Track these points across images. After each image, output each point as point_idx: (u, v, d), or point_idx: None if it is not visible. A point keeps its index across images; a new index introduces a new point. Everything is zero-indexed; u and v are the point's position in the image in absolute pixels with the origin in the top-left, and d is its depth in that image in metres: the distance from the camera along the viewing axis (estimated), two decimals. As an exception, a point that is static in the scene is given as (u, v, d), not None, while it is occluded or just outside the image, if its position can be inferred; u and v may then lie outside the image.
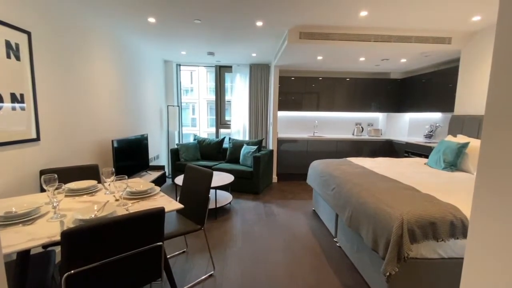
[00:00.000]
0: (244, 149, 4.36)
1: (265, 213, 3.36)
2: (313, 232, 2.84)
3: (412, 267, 1.60)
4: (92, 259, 1.09)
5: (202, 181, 2.03)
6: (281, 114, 5.38)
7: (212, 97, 14.97)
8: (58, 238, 1.16)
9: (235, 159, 4.53)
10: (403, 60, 4.11)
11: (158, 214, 1.21)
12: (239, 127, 5.42)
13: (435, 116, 4.36)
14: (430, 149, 3.67)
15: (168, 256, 2.29)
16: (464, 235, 1.56)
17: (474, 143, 2.78)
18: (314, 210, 3.48)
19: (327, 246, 2.53)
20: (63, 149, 2.41)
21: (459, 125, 3.38)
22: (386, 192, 1.91)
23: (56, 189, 1.46)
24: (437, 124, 4.27)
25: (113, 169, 1.72)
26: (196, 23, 3.00)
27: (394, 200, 1.75)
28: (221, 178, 3.38)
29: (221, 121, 5.54)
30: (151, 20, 2.90)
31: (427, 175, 2.49)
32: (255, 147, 4.28)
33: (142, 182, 1.95)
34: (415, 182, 2.21)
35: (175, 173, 4.45)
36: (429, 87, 4.21)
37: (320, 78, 5.07)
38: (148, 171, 3.89)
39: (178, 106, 5.33)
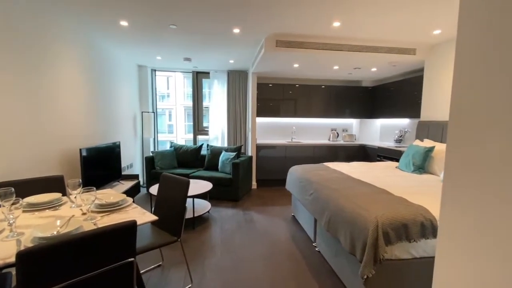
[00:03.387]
0: (223, 156, 4.30)
1: (244, 220, 3.31)
2: (292, 237, 2.85)
3: (388, 268, 1.65)
4: (54, 282, 0.98)
5: (178, 190, 1.96)
6: (260, 120, 5.40)
7: (190, 103, 14.73)
8: (13, 259, 1.04)
9: (213, 166, 4.45)
10: (374, 69, 4.34)
11: (129, 228, 1.14)
12: (217, 133, 5.35)
13: (404, 122, 4.63)
14: (400, 153, 3.87)
15: (142, 271, 2.16)
16: (434, 235, 1.65)
17: (439, 147, 2.97)
18: (293, 215, 3.49)
19: (307, 251, 2.54)
20: (23, 159, 2.21)
21: (425, 130, 3.61)
22: (362, 196, 1.97)
23: (13, 204, 1.32)
24: (406, 130, 4.54)
25: (80, 180, 1.59)
26: (172, 28, 2.94)
27: (369, 204, 1.80)
28: (199, 186, 3.29)
29: (198, 128, 5.44)
30: (123, 23, 2.80)
31: (398, 178, 2.62)
32: (234, 153, 4.24)
33: (113, 193, 1.83)
34: (388, 185, 2.31)
35: (150, 182, 4.26)
36: (398, 95, 4.47)
37: (297, 85, 5.18)
38: (120, 181, 3.68)
39: (153, 112, 5.15)
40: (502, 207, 0.57)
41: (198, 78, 5.35)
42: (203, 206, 3.42)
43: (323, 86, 5.26)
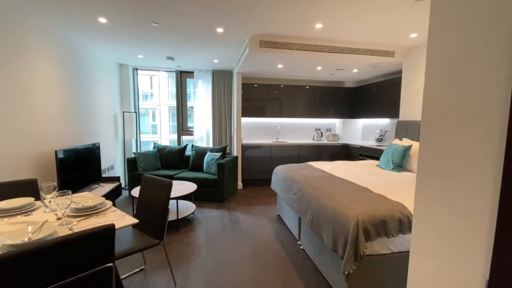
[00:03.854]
0: (208, 156, 4.26)
1: (230, 221, 3.30)
2: (277, 236, 2.87)
3: (368, 263, 1.70)
4: (24, 291, 0.93)
5: (160, 192, 1.92)
6: (245, 120, 5.40)
7: (174, 103, 14.46)
8: (-21, 269, 0.97)
9: (198, 167, 4.40)
10: (355, 70, 4.46)
11: (107, 232, 1.10)
12: (202, 133, 5.29)
13: (384, 122, 4.79)
14: (381, 151, 4.00)
15: (123, 276, 2.10)
16: (411, 230, 1.71)
17: (416, 146, 3.10)
18: (278, 214, 3.52)
19: (292, 250, 2.57)
20: (-8, 162, 2.08)
21: (403, 129, 3.75)
22: (343, 195, 2.02)
23: (-21, 210, 1.24)
24: (386, 129, 4.69)
25: (55, 183, 1.52)
26: (153, 26, 2.88)
27: (350, 202, 1.85)
28: (183, 187, 3.24)
29: (183, 128, 5.35)
30: (102, 20, 2.70)
31: (378, 176, 2.70)
32: (219, 154, 4.21)
33: (91, 196, 1.77)
34: (369, 183, 2.38)
35: (132, 184, 4.14)
36: (378, 95, 4.62)
37: (282, 86, 5.23)
38: (100, 184, 3.55)
39: (135, 112, 5.01)
40: (468, 202, 0.61)
41: (182, 77, 5.27)
42: (187, 207, 3.37)
43: (307, 87, 5.33)
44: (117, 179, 3.78)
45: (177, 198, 2.93)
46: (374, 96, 4.73)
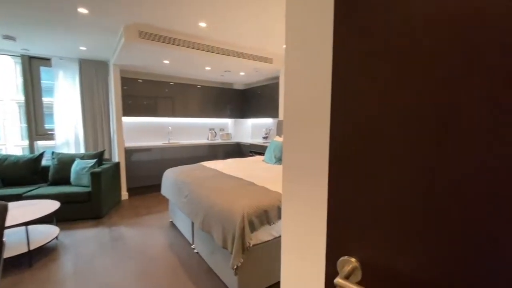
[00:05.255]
0: (77, 165, 3.46)
1: (111, 239, 2.80)
2: (170, 245, 2.67)
3: (254, 253, 1.82)
4: None
5: (-15, 221, 1.36)
6: (130, 120, 4.75)
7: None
8: None
9: (63, 179, 3.51)
10: (242, 73, 4.76)
11: None
12: (68, 137, 4.25)
13: (268, 121, 5.37)
14: (266, 148, 4.46)
15: None
16: (288, 214, 1.97)
17: (292, 141, 3.63)
18: (171, 221, 3.29)
19: (185, 255, 2.44)
20: None
21: (282, 127, 4.32)
22: (231, 191, 2.09)
23: None
24: (270, 128, 5.28)
25: None
26: (-31, -12, 2.03)
27: (236, 197, 1.93)
28: (37, 208, 2.48)
29: (37, 131, 4.12)
30: None
31: (263, 170, 2.98)
32: (93, 161, 3.50)
33: None
34: (254, 177, 2.58)
35: None
36: (263, 97, 5.12)
37: (172, 83, 4.92)
38: None
39: None
40: (315, 197, 0.71)
41: (33, 65, 4.04)
42: (46, 233, 2.61)
43: (199, 86, 5.26)
44: None
45: (27, 224, 2.21)
46: (260, 98, 5.22)
